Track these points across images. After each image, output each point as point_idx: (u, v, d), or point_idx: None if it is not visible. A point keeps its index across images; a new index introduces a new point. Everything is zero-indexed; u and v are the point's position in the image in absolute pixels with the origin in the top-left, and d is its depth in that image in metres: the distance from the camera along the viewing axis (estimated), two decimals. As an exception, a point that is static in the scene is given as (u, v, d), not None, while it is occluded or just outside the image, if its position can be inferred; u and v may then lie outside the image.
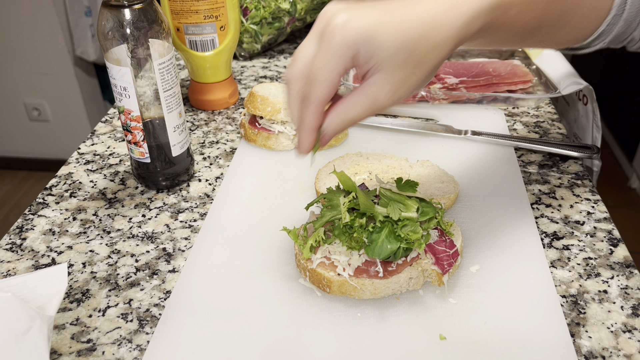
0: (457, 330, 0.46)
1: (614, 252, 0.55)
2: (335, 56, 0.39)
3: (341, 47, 0.38)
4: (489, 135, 0.72)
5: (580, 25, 0.49)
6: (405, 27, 0.38)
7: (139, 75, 0.58)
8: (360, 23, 0.38)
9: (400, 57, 0.38)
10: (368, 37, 0.38)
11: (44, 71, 2.15)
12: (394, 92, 0.40)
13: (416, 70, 0.39)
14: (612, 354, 0.45)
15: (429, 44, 0.38)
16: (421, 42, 0.38)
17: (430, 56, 0.39)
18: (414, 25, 0.38)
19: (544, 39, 0.49)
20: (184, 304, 0.50)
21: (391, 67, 0.39)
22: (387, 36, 0.38)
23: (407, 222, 0.49)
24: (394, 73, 0.39)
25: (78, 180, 0.69)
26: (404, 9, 0.39)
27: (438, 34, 0.38)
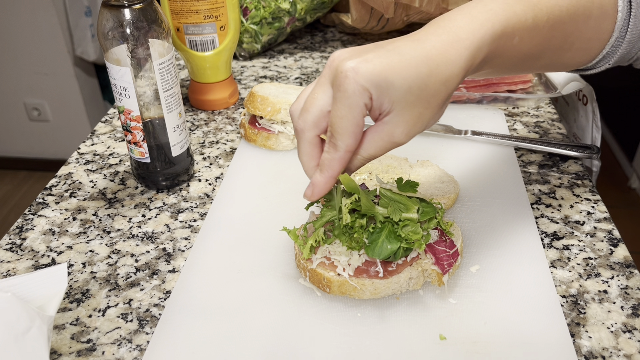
0: (457, 330, 0.46)
1: (614, 252, 0.55)
2: (352, 105, 0.40)
3: (356, 93, 0.39)
4: (489, 135, 0.72)
5: (584, 48, 0.49)
6: (414, 67, 0.39)
7: (139, 75, 0.58)
8: (370, 67, 0.39)
9: (412, 96, 0.39)
10: (379, 80, 0.39)
11: (44, 71, 2.15)
12: (409, 129, 0.41)
13: (429, 106, 0.40)
14: (612, 354, 0.45)
15: (438, 80, 0.39)
16: (430, 78, 0.39)
17: (440, 91, 0.40)
18: (422, 63, 0.39)
19: (549, 64, 0.50)
20: (184, 304, 0.50)
21: (404, 106, 0.40)
22: (397, 77, 0.39)
23: (408, 222, 0.49)
24: (407, 112, 0.40)
25: (78, 180, 0.69)
26: (410, 49, 0.40)
27: (446, 70, 0.39)
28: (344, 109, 0.40)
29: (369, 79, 0.39)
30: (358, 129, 0.41)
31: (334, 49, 1.03)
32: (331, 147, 0.42)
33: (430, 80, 0.39)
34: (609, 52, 0.51)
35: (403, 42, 0.40)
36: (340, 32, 1.11)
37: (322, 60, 0.99)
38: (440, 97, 0.40)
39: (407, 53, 0.39)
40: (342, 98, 0.40)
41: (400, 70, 0.39)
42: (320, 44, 1.06)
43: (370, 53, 0.40)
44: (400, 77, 0.39)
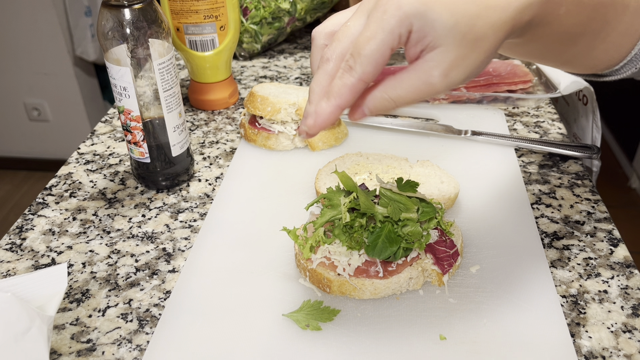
0: (457, 330, 0.46)
1: (614, 252, 0.55)
2: (386, 30, 0.36)
3: (395, 20, 0.35)
4: (489, 135, 0.72)
5: (617, 43, 0.47)
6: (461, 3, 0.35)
7: (139, 75, 0.58)
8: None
9: (458, 34, 0.36)
10: (423, 12, 0.35)
11: (44, 71, 2.15)
12: (449, 71, 0.37)
13: (474, 49, 0.36)
14: (612, 354, 0.45)
15: (486, 23, 0.36)
16: (479, 19, 0.36)
17: (488, 35, 0.36)
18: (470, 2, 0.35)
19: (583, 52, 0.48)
20: (184, 304, 0.50)
21: (448, 44, 0.36)
22: (443, 12, 0.35)
23: (407, 222, 0.49)
24: (451, 50, 0.36)
25: (78, 180, 0.69)
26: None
27: (495, 14, 0.36)
28: (374, 31, 0.36)
29: (414, 7, 0.35)
30: (382, 58, 0.37)
31: (334, 49, 1.03)
32: (346, 71, 0.38)
33: (478, 21, 0.36)
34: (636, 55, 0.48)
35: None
36: (340, 32, 1.11)
37: (322, 60, 0.99)
38: (487, 42, 0.37)
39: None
40: (377, 19, 0.36)
41: (446, 4, 0.35)
42: (320, 44, 1.06)
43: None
44: (447, 12, 0.35)
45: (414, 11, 0.35)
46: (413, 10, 0.35)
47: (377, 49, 0.36)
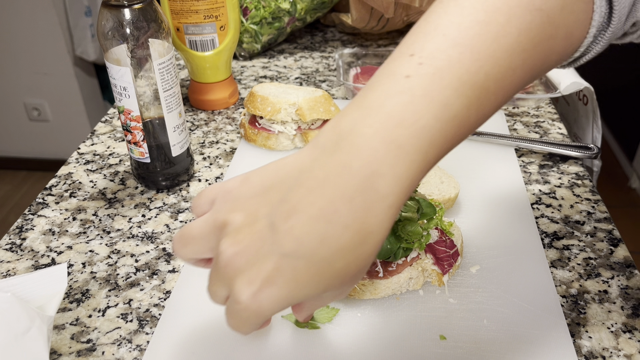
0: (457, 330, 0.46)
1: (614, 252, 0.55)
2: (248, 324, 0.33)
3: (255, 323, 0.32)
4: (489, 135, 0.72)
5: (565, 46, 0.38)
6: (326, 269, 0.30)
7: (139, 75, 0.58)
8: (273, 300, 0.30)
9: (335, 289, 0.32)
10: (285, 305, 0.31)
11: (44, 71, 2.15)
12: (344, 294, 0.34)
13: (357, 279, 0.32)
14: (612, 354, 0.45)
15: (359, 262, 0.31)
16: (350, 267, 0.30)
17: (364, 267, 0.32)
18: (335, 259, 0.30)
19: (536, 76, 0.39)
20: (184, 304, 0.50)
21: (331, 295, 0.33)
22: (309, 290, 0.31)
23: (407, 222, 0.49)
24: (337, 295, 0.34)
25: (78, 180, 0.69)
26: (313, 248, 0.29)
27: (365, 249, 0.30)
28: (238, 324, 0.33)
29: (272, 311, 0.31)
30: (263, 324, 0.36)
31: (334, 49, 1.03)
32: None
33: (350, 268, 0.30)
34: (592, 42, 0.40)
35: (307, 230, 0.29)
36: (340, 32, 1.11)
37: (322, 60, 0.99)
38: (365, 270, 0.32)
39: (314, 254, 0.29)
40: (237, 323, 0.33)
41: (309, 281, 0.30)
42: (320, 44, 1.06)
43: (268, 264, 0.30)
44: (313, 288, 0.30)
45: (275, 311, 0.31)
46: (274, 312, 0.31)
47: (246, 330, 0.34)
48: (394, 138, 0.29)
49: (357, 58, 0.94)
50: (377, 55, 0.95)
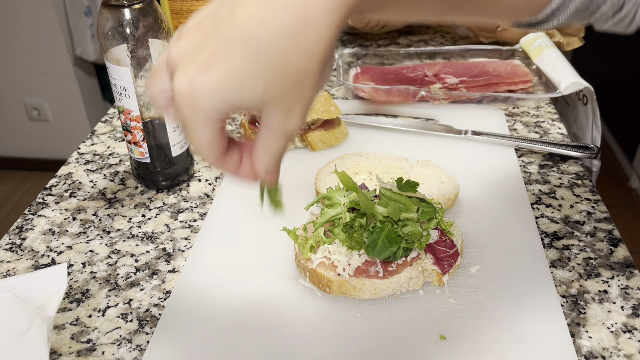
0: (457, 330, 0.46)
1: (614, 252, 0.55)
2: (197, 127, 0.32)
3: (198, 117, 0.32)
4: (489, 135, 0.72)
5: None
6: (263, 55, 0.29)
7: (139, 75, 0.57)
8: (205, 87, 0.30)
9: (274, 90, 0.31)
10: (224, 95, 0.30)
11: (44, 71, 2.15)
12: (295, 114, 0.33)
13: (303, 86, 0.32)
14: (612, 354, 0.45)
15: (300, 57, 0.30)
16: (289, 59, 0.30)
17: (310, 65, 0.31)
18: (272, 45, 0.29)
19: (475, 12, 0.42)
20: (184, 304, 0.50)
21: (272, 102, 0.32)
22: (246, 81, 0.30)
23: (407, 222, 0.49)
24: (280, 104, 0.32)
25: (78, 180, 0.69)
26: (251, 30, 0.29)
27: (310, 39, 0.30)
28: (191, 131, 0.33)
29: (209, 98, 0.30)
30: (213, 141, 0.34)
31: (334, 49, 1.03)
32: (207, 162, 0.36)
33: (290, 61, 0.30)
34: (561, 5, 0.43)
35: (247, 11, 0.30)
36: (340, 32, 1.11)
37: (322, 60, 0.99)
38: (313, 70, 0.31)
39: (251, 36, 0.29)
40: (184, 122, 0.32)
41: (246, 69, 0.30)
42: (320, 44, 1.06)
43: (205, 51, 0.30)
44: (250, 78, 0.30)
45: (213, 103, 0.31)
46: (211, 103, 0.31)
47: (204, 142, 0.34)
48: None
49: (357, 58, 0.94)
50: (377, 55, 0.95)
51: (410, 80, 0.84)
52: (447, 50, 0.95)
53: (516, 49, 0.93)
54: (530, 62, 0.89)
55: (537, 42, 0.89)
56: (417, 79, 0.84)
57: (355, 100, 0.83)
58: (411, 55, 0.96)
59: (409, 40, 1.07)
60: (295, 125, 0.33)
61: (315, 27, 0.30)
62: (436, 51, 0.95)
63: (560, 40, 0.95)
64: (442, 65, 0.87)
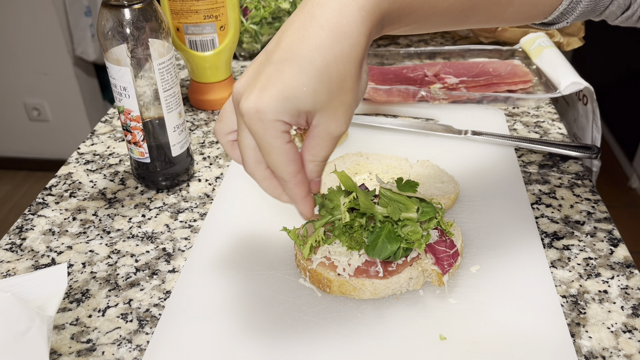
0: (457, 330, 0.46)
1: (614, 252, 0.55)
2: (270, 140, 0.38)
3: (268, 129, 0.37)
4: (489, 135, 0.72)
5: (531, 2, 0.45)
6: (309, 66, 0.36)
7: (139, 75, 0.57)
8: (268, 98, 0.36)
9: (322, 95, 0.37)
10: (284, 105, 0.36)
11: (44, 71, 2.15)
12: (341, 118, 0.39)
13: (345, 90, 0.38)
14: (612, 354, 0.45)
15: (340, 63, 0.36)
16: (331, 67, 0.36)
17: (348, 70, 0.37)
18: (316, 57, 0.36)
19: (487, 19, 0.46)
20: (184, 304, 0.50)
21: (321, 107, 0.37)
22: (298, 90, 0.36)
23: (407, 222, 0.49)
24: (328, 109, 0.38)
25: (78, 180, 0.69)
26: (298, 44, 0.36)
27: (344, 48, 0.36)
28: (266, 147, 0.38)
29: (272, 111, 0.36)
30: (289, 154, 0.39)
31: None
32: (281, 181, 0.41)
33: (331, 68, 0.36)
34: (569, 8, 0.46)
35: (289, 39, 0.37)
36: (340, 32, 1.11)
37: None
38: (352, 74, 0.37)
39: (296, 54, 0.36)
40: (258, 139, 0.38)
41: (296, 80, 0.36)
42: (320, 44, 1.06)
43: (262, 77, 0.37)
44: (300, 86, 0.36)
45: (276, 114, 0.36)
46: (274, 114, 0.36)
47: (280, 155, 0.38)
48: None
49: (357, 58, 0.94)
50: (377, 55, 0.95)
51: (410, 80, 0.84)
52: (447, 50, 0.95)
53: (516, 49, 0.93)
54: (530, 62, 0.89)
55: (537, 42, 0.89)
56: (417, 79, 0.84)
57: (355, 100, 0.83)
58: (411, 55, 0.96)
59: (409, 40, 1.07)
60: (340, 128, 0.39)
61: (347, 38, 0.36)
62: (436, 51, 0.95)
63: (560, 40, 0.95)
64: (442, 65, 0.87)
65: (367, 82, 0.41)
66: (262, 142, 0.38)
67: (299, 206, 0.42)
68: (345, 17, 0.36)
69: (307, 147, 0.40)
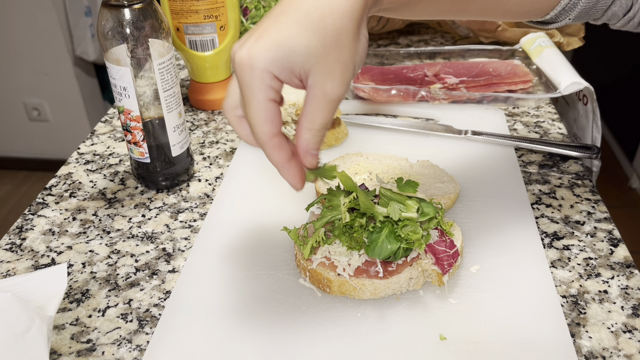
0: (457, 330, 0.46)
1: (614, 252, 0.55)
2: (254, 92, 0.37)
3: (255, 79, 0.37)
4: (489, 135, 0.72)
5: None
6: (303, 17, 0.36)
7: (139, 75, 0.57)
8: (260, 46, 0.36)
9: (317, 48, 0.36)
10: (276, 54, 0.36)
11: (44, 71, 2.15)
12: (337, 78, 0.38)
13: (342, 46, 0.37)
14: (612, 354, 0.45)
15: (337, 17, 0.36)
16: (326, 19, 0.36)
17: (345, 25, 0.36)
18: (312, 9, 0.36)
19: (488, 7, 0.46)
20: (184, 304, 0.50)
21: (316, 61, 0.36)
22: (292, 40, 0.36)
23: (407, 222, 0.49)
24: (323, 65, 0.37)
25: (78, 180, 0.69)
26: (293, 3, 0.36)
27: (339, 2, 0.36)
28: (249, 98, 0.38)
29: (263, 59, 0.36)
30: (269, 112, 0.38)
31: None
32: (258, 143, 0.40)
33: (327, 21, 0.36)
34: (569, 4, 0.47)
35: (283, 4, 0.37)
36: (340, 32, 1.11)
37: (322, 60, 0.99)
38: (348, 30, 0.37)
39: (293, 7, 0.36)
40: (243, 89, 0.37)
41: (291, 31, 0.36)
42: (320, 44, 1.06)
43: (259, 28, 0.37)
44: (295, 37, 0.35)
45: (265, 63, 0.36)
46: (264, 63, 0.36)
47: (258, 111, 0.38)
48: None
49: (357, 58, 0.94)
50: (377, 55, 0.95)
51: (410, 80, 0.84)
52: (447, 50, 0.95)
53: (516, 49, 0.93)
54: (530, 62, 0.89)
55: (537, 42, 0.89)
56: (417, 79, 0.84)
57: (355, 100, 0.83)
58: (411, 55, 0.96)
59: (409, 40, 1.07)
60: (337, 91, 0.38)
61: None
62: (436, 51, 0.95)
63: (560, 40, 0.95)
64: (442, 65, 0.87)
65: (366, 48, 0.40)
66: (245, 92, 0.37)
67: (282, 173, 0.41)
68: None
69: (303, 115, 0.39)
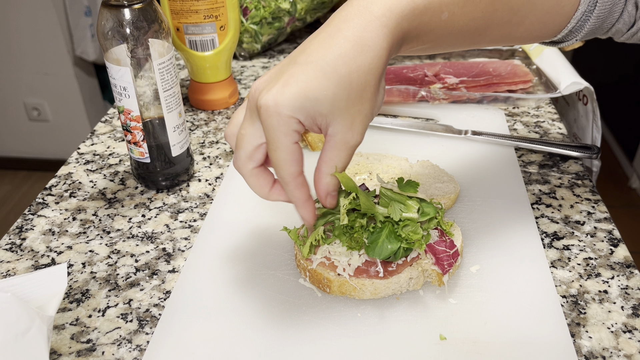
0: (457, 330, 0.46)
1: (614, 252, 0.55)
2: (280, 137, 0.39)
3: (282, 124, 0.38)
4: (489, 135, 0.72)
5: (541, 22, 0.47)
6: (331, 72, 0.37)
7: (139, 75, 0.57)
8: (288, 94, 0.37)
9: (341, 101, 0.38)
10: (302, 103, 0.37)
11: (44, 71, 2.15)
12: (357, 128, 0.40)
13: (364, 100, 0.39)
14: (612, 354, 0.45)
15: (361, 73, 0.38)
16: (352, 75, 0.38)
17: (368, 81, 0.39)
18: (339, 64, 0.37)
19: (499, 39, 0.47)
20: (184, 304, 0.50)
21: (339, 113, 0.38)
22: (318, 91, 0.37)
23: (408, 222, 0.49)
24: (345, 116, 0.39)
25: (78, 180, 0.69)
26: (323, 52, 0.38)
27: (366, 58, 0.38)
28: (275, 142, 0.39)
29: (290, 107, 0.37)
30: (294, 155, 0.40)
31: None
32: (282, 182, 0.42)
33: (353, 77, 0.38)
34: (576, 27, 0.48)
35: (315, 46, 0.39)
36: (340, 32, 1.11)
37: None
38: (371, 85, 0.39)
39: (321, 59, 0.38)
40: (269, 133, 0.39)
41: (318, 82, 0.37)
42: (320, 44, 1.06)
43: (285, 75, 0.38)
44: (322, 89, 0.37)
45: (292, 110, 0.37)
46: (291, 110, 0.37)
47: (285, 154, 0.40)
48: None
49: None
50: (377, 55, 0.95)
51: (410, 80, 0.84)
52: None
53: (516, 49, 0.93)
54: (530, 62, 0.89)
55: (537, 42, 0.89)
56: (417, 79, 0.84)
57: (355, 100, 0.83)
58: (411, 55, 0.96)
59: (409, 40, 1.07)
60: (356, 139, 0.40)
61: (370, 51, 0.38)
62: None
63: (560, 40, 0.95)
64: (442, 65, 0.87)
65: (383, 97, 0.42)
66: (272, 136, 0.39)
67: (299, 210, 0.43)
68: (369, 32, 0.38)
69: (324, 160, 0.41)
